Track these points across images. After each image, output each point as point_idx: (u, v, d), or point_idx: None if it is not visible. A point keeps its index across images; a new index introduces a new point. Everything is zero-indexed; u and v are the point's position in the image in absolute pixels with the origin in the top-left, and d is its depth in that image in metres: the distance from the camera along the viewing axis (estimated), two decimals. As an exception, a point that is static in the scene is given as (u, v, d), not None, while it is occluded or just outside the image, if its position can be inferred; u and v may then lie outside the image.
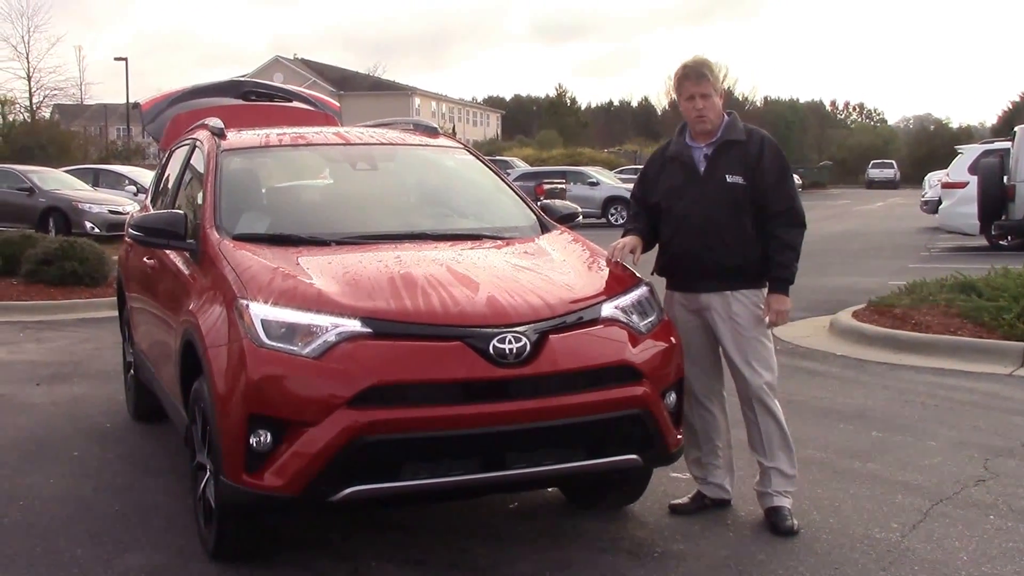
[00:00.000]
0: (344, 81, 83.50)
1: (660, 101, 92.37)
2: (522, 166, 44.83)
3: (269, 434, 4.49)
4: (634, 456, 4.92)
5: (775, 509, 5.46)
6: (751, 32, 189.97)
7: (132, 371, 7.92)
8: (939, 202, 23.58)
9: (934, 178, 30.37)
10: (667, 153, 5.70)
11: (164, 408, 6.65)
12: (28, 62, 57.46)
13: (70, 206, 24.77)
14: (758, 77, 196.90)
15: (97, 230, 23.56)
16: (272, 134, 6.66)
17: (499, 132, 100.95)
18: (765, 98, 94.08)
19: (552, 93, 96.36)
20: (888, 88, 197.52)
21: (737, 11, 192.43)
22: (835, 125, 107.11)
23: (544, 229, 6.07)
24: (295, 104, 9.17)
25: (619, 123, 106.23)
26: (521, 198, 6.46)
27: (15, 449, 7.19)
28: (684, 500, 5.75)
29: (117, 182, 29.46)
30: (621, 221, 33.86)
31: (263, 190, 6.30)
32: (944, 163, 31.59)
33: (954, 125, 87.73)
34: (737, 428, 5.77)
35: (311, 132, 6.91)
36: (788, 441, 5.54)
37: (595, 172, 38.04)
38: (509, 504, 5.90)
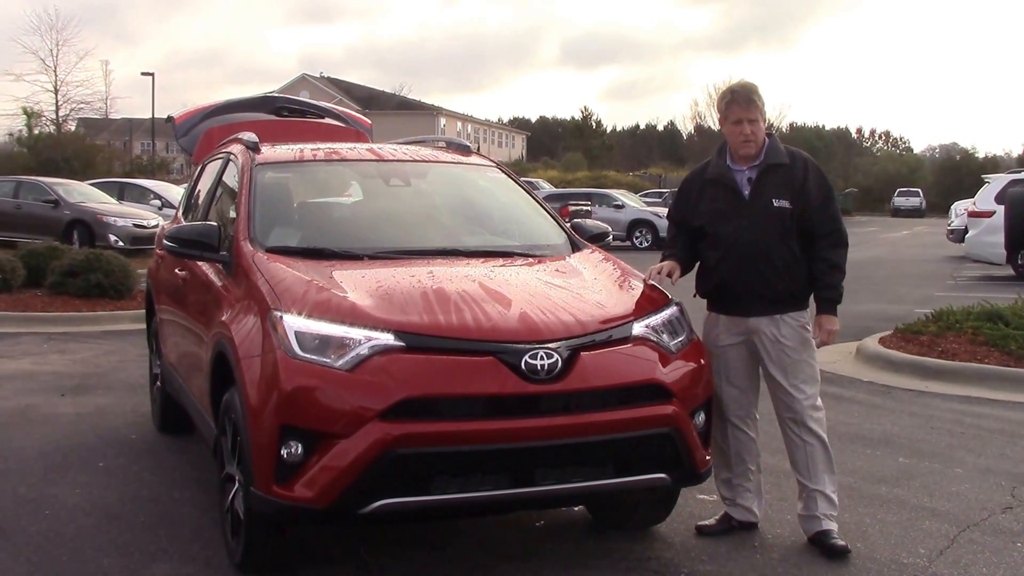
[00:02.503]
0: (370, 100, 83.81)
1: (686, 126, 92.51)
2: (547, 188, 44.92)
3: (300, 445, 4.50)
4: (662, 475, 4.91)
5: (824, 532, 5.41)
6: (779, 60, 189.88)
7: (159, 383, 7.95)
8: (965, 231, 23.46)
9: (960, 207, 30.21)
10: (706, 175, 5.65)
11: (191, 420, 6.67)
12: (55, 75, 57.84)
13: (94, 219, 24.88)
14: (784, 103, 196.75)
15: (121, 243, 23.64)
16: (306, 149, 6.69)
17: (524, 153, 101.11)
18: (791, 124, 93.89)
19: (578, 116, 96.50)
20: (914, 117, 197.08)
21: (768, 41, 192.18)
22: (861, 152, 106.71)
23: (575, 248, 6.08)
24: (327, 120, 9.21)
25: (644, 147, 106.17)
26: (552, 216, 6.48)
27: (41, 459, 7.21)
28: (711, 521, 5.73)
29: (142, 196, 29.57)
30: (646, 244, 34.04)
31: (296, 204, 6.34)
32: (970, 192, 31.50)
33: (980, 154, 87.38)
34: (766, 453, 5.75)
35: (344, 148, 6.94)
36: (832, 464, 5.51)
37: (620, 195, 37.99)
38: (536, 522, 5.89)
